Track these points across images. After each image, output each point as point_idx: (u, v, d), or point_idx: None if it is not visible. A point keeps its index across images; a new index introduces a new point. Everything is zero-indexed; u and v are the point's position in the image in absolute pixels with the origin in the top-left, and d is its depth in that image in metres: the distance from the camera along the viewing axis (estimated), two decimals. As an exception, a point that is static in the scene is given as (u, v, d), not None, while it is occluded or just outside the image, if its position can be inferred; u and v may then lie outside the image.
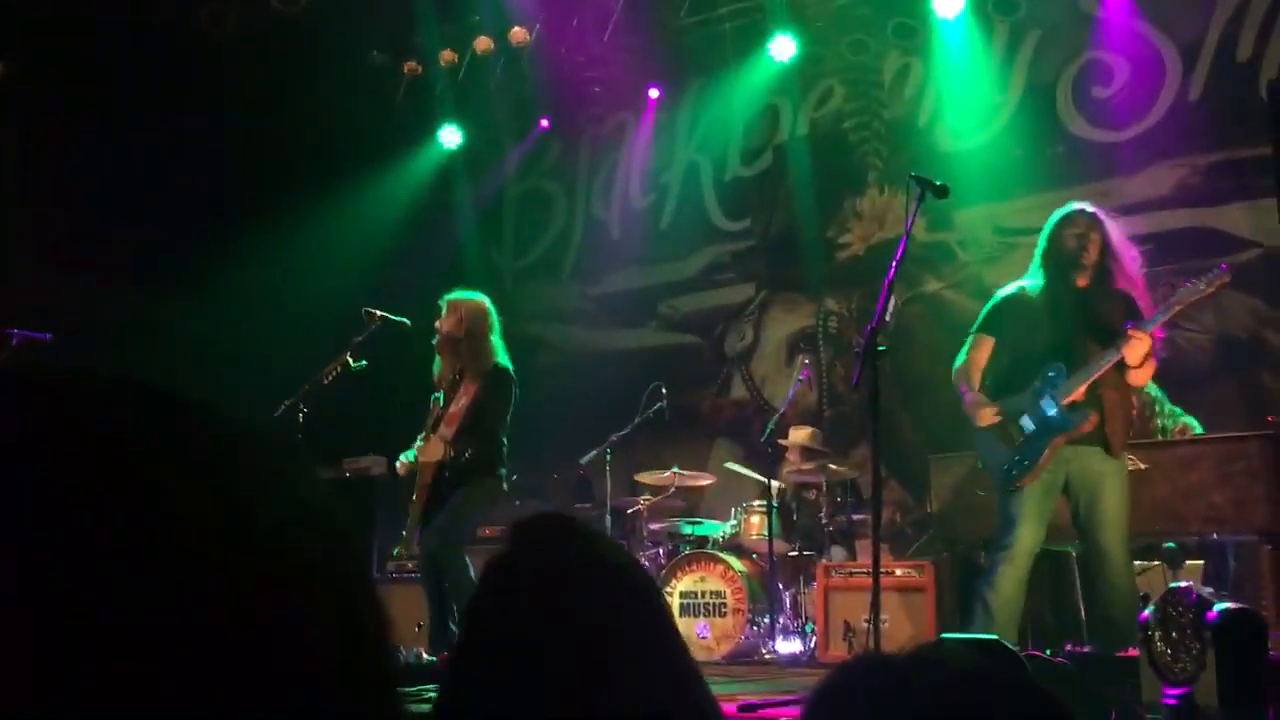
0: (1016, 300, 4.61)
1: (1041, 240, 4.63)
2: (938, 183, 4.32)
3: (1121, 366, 4.34)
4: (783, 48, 8.49)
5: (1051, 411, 4.32)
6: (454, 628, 5.41)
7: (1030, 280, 4.63)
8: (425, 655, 5.21)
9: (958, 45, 8.06)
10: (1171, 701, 2.54)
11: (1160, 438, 5.81)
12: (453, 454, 5.38)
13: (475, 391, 5.42)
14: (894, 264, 4.18)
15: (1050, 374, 4.36)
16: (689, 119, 9.41)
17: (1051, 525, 5.88)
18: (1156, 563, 5.83)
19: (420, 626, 5.67)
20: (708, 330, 9.16)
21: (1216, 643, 2.45)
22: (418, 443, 5.51)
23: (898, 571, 6.20)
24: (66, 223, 7.83)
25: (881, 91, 8.52)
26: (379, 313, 5.73)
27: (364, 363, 5.65)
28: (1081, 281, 4.49)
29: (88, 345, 7.11)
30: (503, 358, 5.52)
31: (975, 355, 4.62)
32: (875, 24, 8.37)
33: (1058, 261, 4.51)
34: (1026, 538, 4.32)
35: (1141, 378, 4.41)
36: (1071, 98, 7.67)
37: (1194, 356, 7.00)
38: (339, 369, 5.61)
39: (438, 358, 5.60)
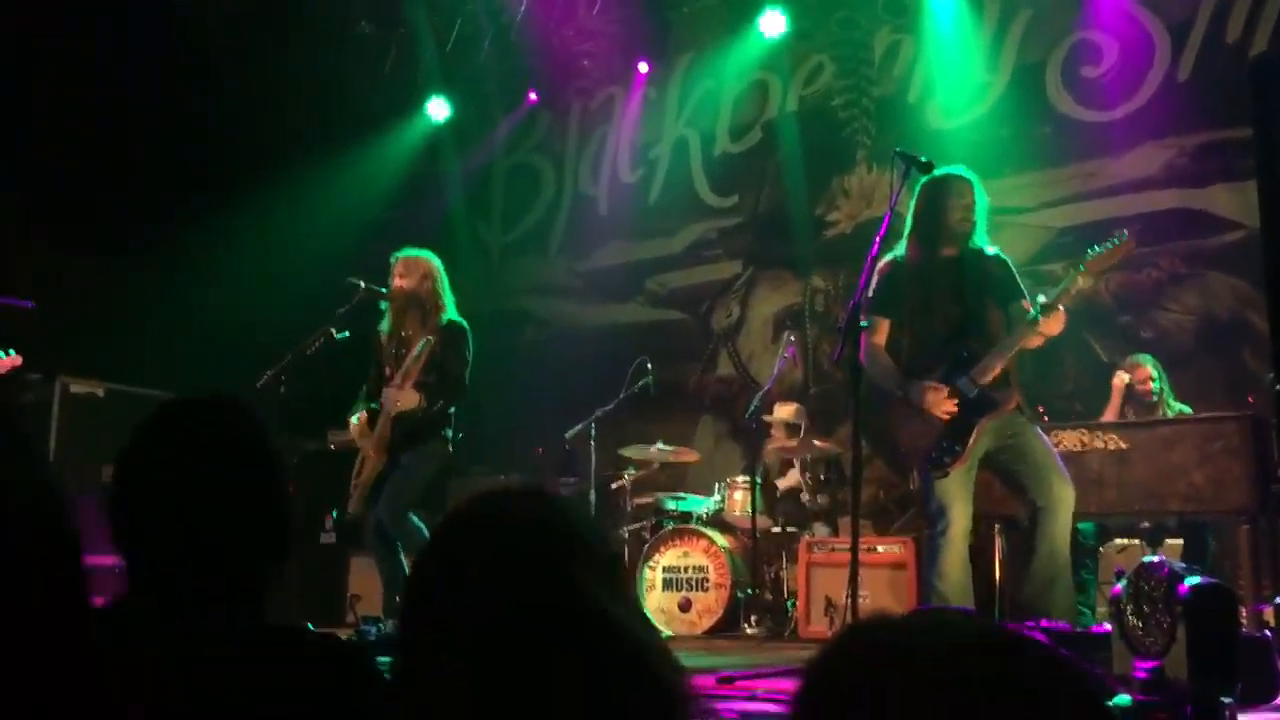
0: (898, 275, 4.40)
1: (918, 206, 4.43)
2: (923, 159, 4.31)
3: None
4: (772, 23, 8.47)
5: (972, 394, 4.21)
6: None
7: (901, 250, 4.46)
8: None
9: (948, 23, 8.04)
10: (1142, 675, 2.56)
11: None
12: (426, 404, 5.39)
13: (433, 346, 5.46)
14: (878, 240, 4.17)
15: (963, 353, 4.25)
16: (678, 94, 9.37)
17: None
18: (1136, 541, 5.88)
19: (399, 600, 5.67)
20: (694, 306, 9.16)
21: (1187, 617, 2.47)
22: (358, 406, 5.55)
23: (880, 548, 6.23)
24: (49, 192, 7.77)
25: (871, 69, 8.49)
26: (364, 283, 5.71)
27: (348, 333, 5.63)
28: (953, 252, 4.37)
29: (70, 315, 7.08)
30: (455, 312, 5.60)
31: (876, 338, 4.38)
32: (865, 1, 8.34)
33: (940, 231, 4.35)
34: (960, 519, 4.24)
35: (1038, 340, 4.25)
36: (1061, 77, 7.65)
37: (1177, 337, 7.02)
38: (323, 339, 5.59)
39: (386, 318, 5.64)
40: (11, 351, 5.84)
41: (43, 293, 6.42)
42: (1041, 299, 4.21)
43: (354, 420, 5.58)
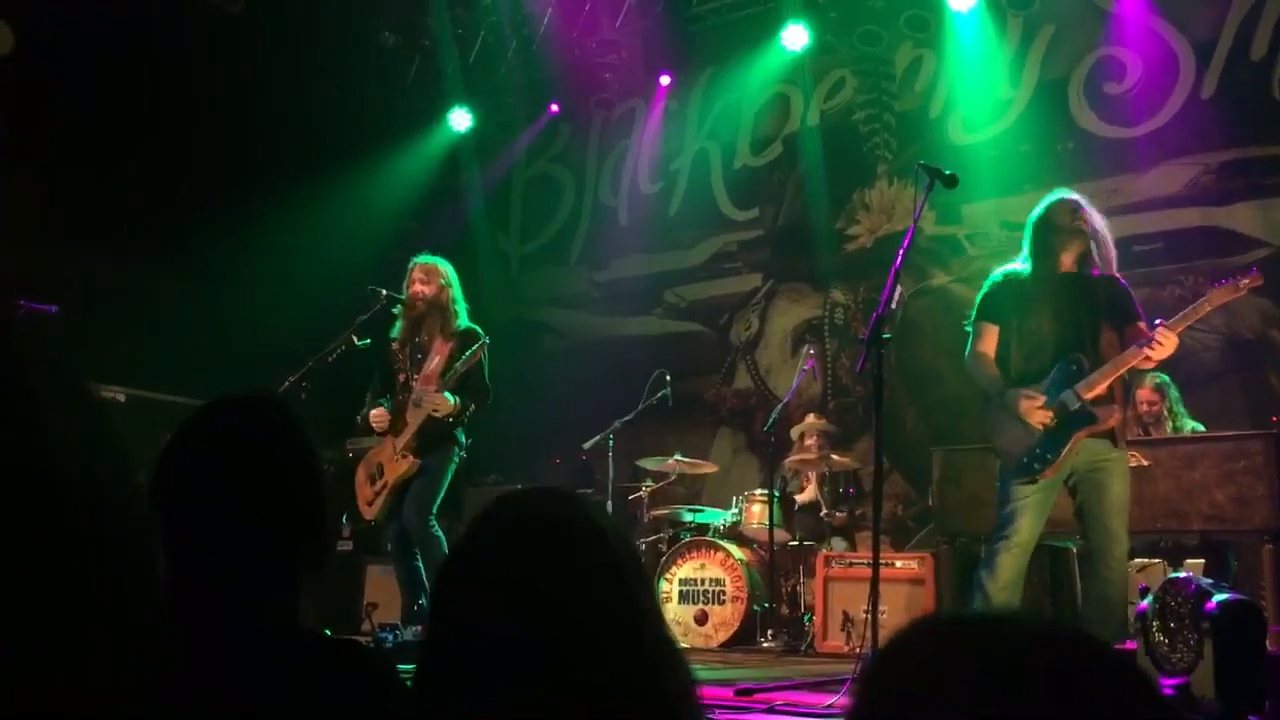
0: (1011, 284, 4.45)
1: (1035, 224, 4.49)
2: (947, 172, 4.30)
3: None
4: (795, 37, 8.47)
5: (1074, 406, 4.22)
6: (426, 605, 5.46)
7: (1021, 264, 4.51)
8: (421, 634, 5.21)
9: (970, 38, 8.03)
10: (1168, 692, 2.53)
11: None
12: (460, 408, 5.44)
13: (449, 350, 5.53)
14: (901, 252, 4.16)
15: (1072, 367, 4.27)
16: (699, 107, 9.39)
17: (1055, 519, 5.89)
18: (1157, 560, 5.83)
19: (418, 607, 5.67)
20: (713, 319, 9.15)
21: (1214, 634, 2.44)
22: (374, 410, 5.58)
23: (898, 563, 6.20)
24: (76, 197, 7.82)
25: (893, 83, 8.49)
26: (385, 291, 5.73)
27: (369, 341, 5.65)
28: (1073, 267, 4.39)
29: (96, 319, 7.12)
30: (467, 319, 5.71)
31: (983, 346, 4.45)
32: (888, 15, 8.34)
33: (1057, 246, 4.40)
34: (1027, 530, 4.24)
35: (1149, 363, 4.31)
36: (1084, 93, 7.63)
37: (1201, 356, 6.97)
38: (344, 347, 5.61)
39: (399, 322, 5.72)
40: None
41: (66, 298, 6.46)
42: (1159, 323, 4.21)
43: (375, 412, 5.61)
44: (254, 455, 1.55)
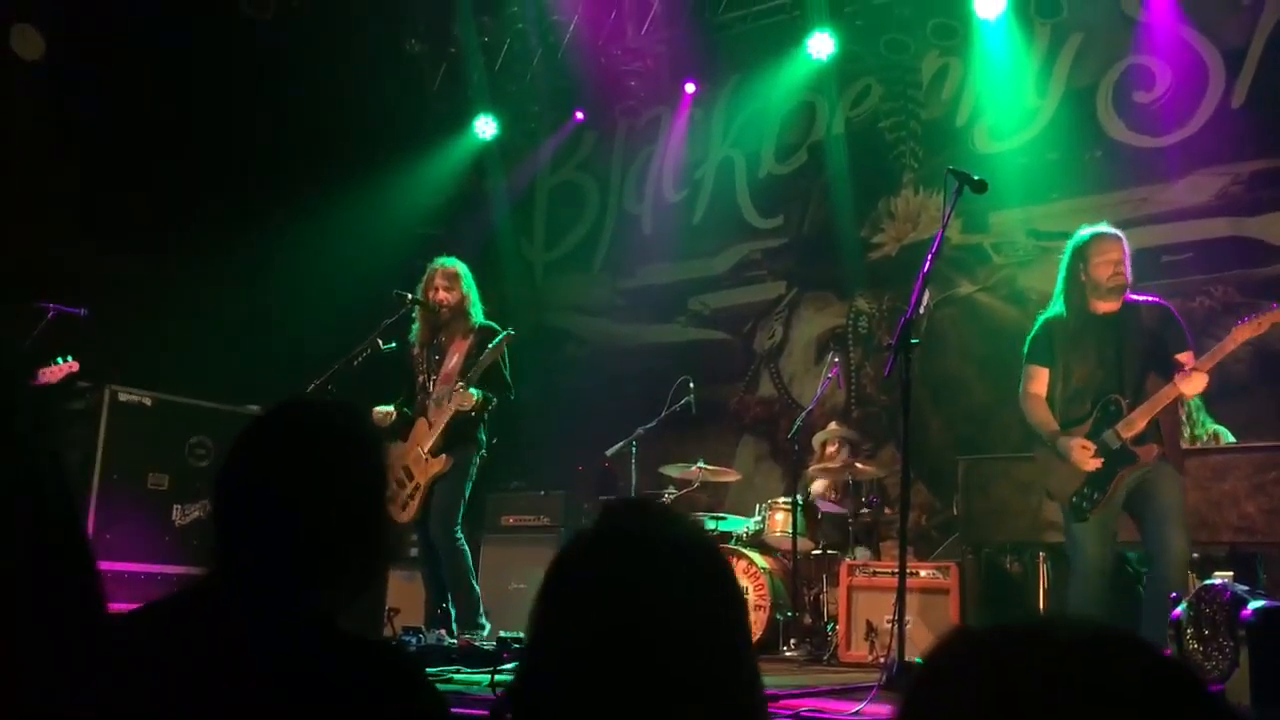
0: (1054, 326, 4.62)
1: (1069, 264, 4.60)
2: (975, 177, 4.29)
3: None
4: (821, 45, 8.45)
5: (1115, 446, 4.40)
6: (450, 609, 5.49)
7: (1056, 308, 4.65)
8: (446, 638, 5.22)
9: (998, 46, 7.99)
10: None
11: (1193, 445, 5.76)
12: (484, 402, 5.46)
13: (468, 348, 5.61)
14: (929, 257, 4.15)
15: (1111, 408, 4.44)
16: (724, 115, 9.38)
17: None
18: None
19: (441, 610, 5.68)
20: (737, 327, 9.13)
21: (1250, 641, 2.41)
22: (387, 409, 5.63)
23: (922, 573, 6.15)
24: (104, 201, 7.88)
25: (919, 91, 8.46)
26: (410, 295, 5.77)
27: (394, 345, 5.68)
28: (1113, 306, 4.51)
29: (120, 324, 7.17)
30: (483, 317, 5.81)
31: (1034, 388, 4.66)
32: (915, 23, 8.31)
33: (1090, 288, 4.51)
34: (1092, 559, 4.45)
35: (1193, 392, 4.46)
36: (1112, 102, 7.58)
37: (1230, 367, 6.88)
38: (369, 350, 5.63)
39: (416, 325, 5.81)
40: (70, 358, 5.96)
41: (94, 301, 6.51)
42: (1189, 365, 4.35)
43: (378, 410, 5.66)
44: (308, 454, 1.57)
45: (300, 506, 1.52)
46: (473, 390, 5.44)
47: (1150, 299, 4.61)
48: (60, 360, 6.02)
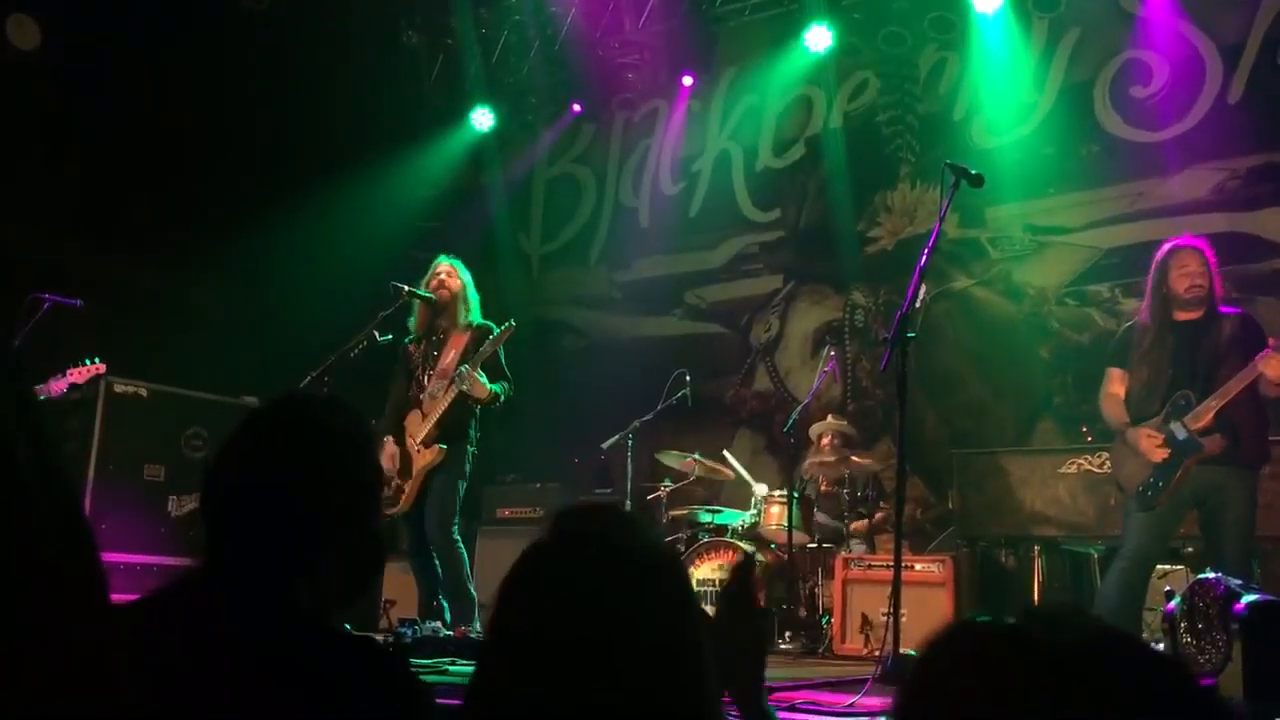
0: (1139, 331, 4.83)
1: (1153, 277, 4.82)
2: (973, 171, 4.29)
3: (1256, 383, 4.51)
4: (818, 38, 8.45)
5: (1182, 436, 4.52)
6: (443, 602, 5.49)
7: (1147, 313, 4.85)
8: (441, 630, 5.22)
9: (995, 41, 7.99)
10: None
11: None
12: (492, 392, 5.46)
13: (464, 344, 5.64)
14: (926, 251, 4.15)
15: (1181, 402, 4.58)
16: (722, 108, 9.38)
17: (1078, 524, 5.92)
18: (1180, 566, 5.79)
19: (435, 603, 5.68)
20: (733, 320, 9.14)
21: (1244, 634, 2.42)
22: (385, 424, 5.64)
23: (917, 566, 6.16)
24: (99, 193, 7.87)
25: (916, 85, 8.45)
26: (407, 288, 5.76)
27: (390, 337, 5.68)
28: (1193, 315, 4.68)
29: (116, 315, 7.16)
30: (480, 314, 5.85)
31: (1111, 388, 4.87)
32: (912, 17, 8.30)
33: (1171, 299, 4.72)
34: (1140, 551, 4.61)
35: (1276, 389, 4.53)
36: (1109, 96, 7.58)
37: None
38: (365, 343, 5.63)
39: (414, 320, 5.84)
40: (96, 359, 6.00)
41: (91, 293, 6.50)
42: (1269, 347, 4.46)
43: (387, 439, 5.65)
44: (298, 450, 1.58)
45: (290, 502, 1.52)
46: (486, 381, 5.43)
47: (1233, 310, 4.79)
48: (88, 361, 6.06)
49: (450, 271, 5.82)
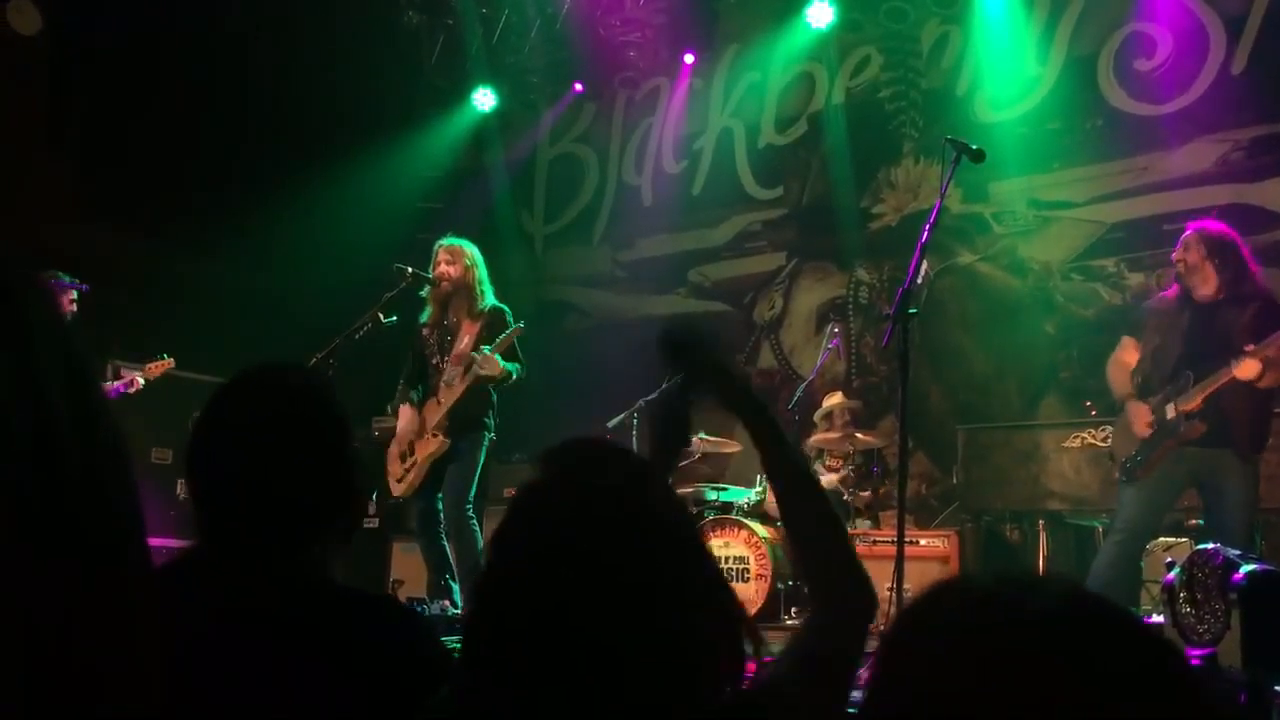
0: (1161, 305, 4.93)
1: (1176, 254, 4.89)
2: (974, 147, 4.29)
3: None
4: (820, 14, 8.41)
5: (1169, 417, 4.60)
6: (452, 582, 5.52)
7: (1174, 290, 4.94)
8: (450, 609, 5.25)
9: (998, 14, 7.95)
10: (1195, 663, 2.53)
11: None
12: (507, 373, 5.48)
13: (478, 330, 5.62)
14: (927, 227, 4.15)
15: (1180, 382, 4.65)
16: (724, 85, 9.34)
17: (1081, 498, 5.94)
18: (1183, 539, 5.81)
19: (443, 582, 5.71)
20: (737, 298, 9.13)
21: (1243, 604, 2.44)
22: (402, 398, 5.62)
23: (922, 541, 6.19)
24: (102, 176, 7.88)
25: (919, 61, 8.42)
26: (410, 269, 5.76)
27: (395, 318, 5.68)
28: (1206, 293, 4.70)
29: (121, 299, 7.18)
30: (494, 298, 5.80)
31: (1122, 355, 4.97)
32: (915, -8, 8.27)
33: (1179, 277, 4.82)
34: (1135, 522, 4.68)
35: (1267, 383, 4.52)
36: (1113, 70, 7.55)
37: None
38: (370, 325, 5.64)
39: (428, 306, 5.82)
40: (166, 355, 6.06)
41: (94, 276, 6.52)
42: (1246, 349, 4.49)
43: (404, 407, 5.67)
44: (282, 422, 1.58)
45: (266, 466, 1.54)
46: (500, 360, 5.45)
47: (1259, 295, 4.76)
48: (162, 357, 6.14)
49: (452, 255, 5.77)
